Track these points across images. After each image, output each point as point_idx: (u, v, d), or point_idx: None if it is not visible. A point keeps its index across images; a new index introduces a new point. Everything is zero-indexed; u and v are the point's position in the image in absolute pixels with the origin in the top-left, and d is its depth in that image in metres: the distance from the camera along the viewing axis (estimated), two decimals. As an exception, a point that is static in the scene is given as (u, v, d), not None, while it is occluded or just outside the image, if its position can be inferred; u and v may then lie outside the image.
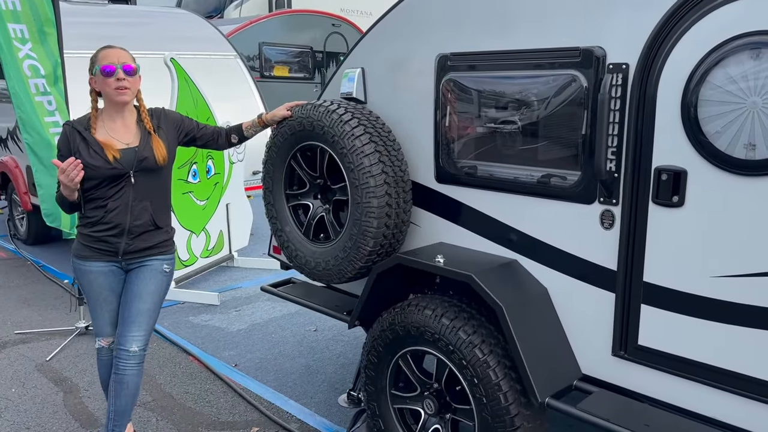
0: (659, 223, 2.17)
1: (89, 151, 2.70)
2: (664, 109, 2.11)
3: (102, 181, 2.73)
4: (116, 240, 2.80)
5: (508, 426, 2.40)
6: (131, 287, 2.87)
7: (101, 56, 2.72)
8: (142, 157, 2.78)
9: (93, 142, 2.72)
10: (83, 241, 2.82)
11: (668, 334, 2.20)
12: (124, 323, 2.85)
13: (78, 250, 2.84)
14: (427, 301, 2.66)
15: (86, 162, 2.66)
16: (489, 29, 2.55)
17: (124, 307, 2.87)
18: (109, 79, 2.68)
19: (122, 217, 2.78)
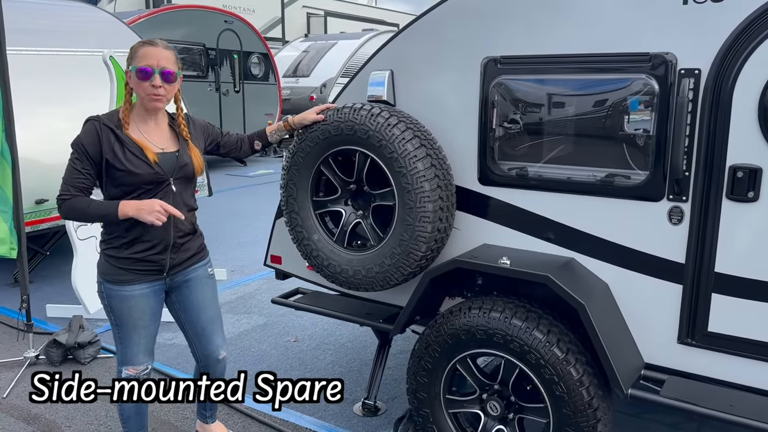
0: (733, 217, 2.34)
1: (125, 152, 2.43)
2: (739, 112, 2.27)
3: (136, 189, 2.47)
4: (161, 257, 2.58)
5: (590, 419, 2.47)
6: (189, 302, 2.75)
7: (141, 54, 2.44)
8: (183, 163, 2.58)
9: (129, 143, 2.46)
10: (119, 264, 2.53)
11: (740, 319, 2.37)
12: (201, 336, 2.81)
13: (113, 274, 2.54)
14: (490, 304, 2.67)
15: (123, 166, 2.42)
16: (550, 34, 2.60)
17: (191, 322, 2.79)
18: (145, 83, 2.43)
19: (165, 231, 2.55)
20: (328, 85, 15.14)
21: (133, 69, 2.43)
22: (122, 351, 2.67)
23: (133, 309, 2.58)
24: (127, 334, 2.62)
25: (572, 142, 2.66)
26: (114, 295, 2.55)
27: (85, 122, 2.46)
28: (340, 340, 4.48)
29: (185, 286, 2.73)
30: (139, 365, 2.68)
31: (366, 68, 3.14)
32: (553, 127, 2.70)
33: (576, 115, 2.62)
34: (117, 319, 2.61)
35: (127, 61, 2.48)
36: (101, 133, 2.42)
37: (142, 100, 2.49)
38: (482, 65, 2.77)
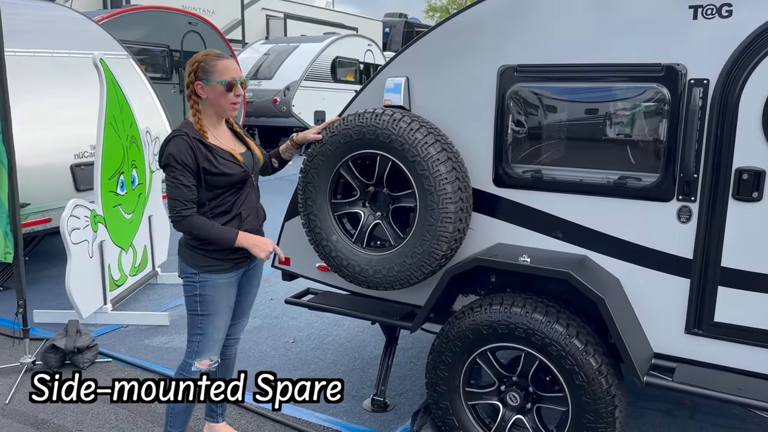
0: (738, 216, 2.55)
1: (216, 158, 2.62)
2: (745, 119, 2.48)
3: (230, 188, 2.68)
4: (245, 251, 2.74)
5: (609, 405, 2.63)
6: (250, 284, 2.95)
7: (222, 68, 2.60)
8: (257, 159, 2.84)
9: (217, 150, 2.64)
10: (219, 256, 2.70)
11: (745, 309, 2.58)
12: (239, 315, 2.99)
13: (212, 266, 2.69)
14: (510, 300, 2.81)
15: (219, 170, 2.61)
16: (566, 44, 2.76)
17: (242, 302, 2.95)
18: (230, 94, 2.64)
19: (254, 221, 2.79)
20: (291, 88, 15.15)
21: (219, 82, 2.58)
22: (201, 342, 2.78)
23: (225, 296, 2.76)
24: (212, 323, 2.76)
25: (586, 146, 2.83)
26: (209, 284, 2.70)
27: (172, 138, 2.58)
28: (338, 339, 4.56)
29: (252, 271, 2.93)
30: (214, 356, 2.82)
31: (380, 75, 3.24)
32: (567, 132, 2.86)
33: (590, 121, 2.79)
34: (208, 308, 2.73)
35: (193, 75, 2.60)
36: (193, 145, 2.57)
37: (222, 109, 2.67)
38: (499, 73, 2.92)
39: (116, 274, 5.06)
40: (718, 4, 2.47)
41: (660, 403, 3.63)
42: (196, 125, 2.63)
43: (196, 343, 2.78)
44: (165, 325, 4.84)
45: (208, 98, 2.63)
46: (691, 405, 3.63)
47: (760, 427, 3.42)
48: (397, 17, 26.08)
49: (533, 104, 2.90)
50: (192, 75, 2.61)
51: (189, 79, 2.62)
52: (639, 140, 2.71)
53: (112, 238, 4.97)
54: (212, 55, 2.63)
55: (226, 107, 2.66)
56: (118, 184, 5.09)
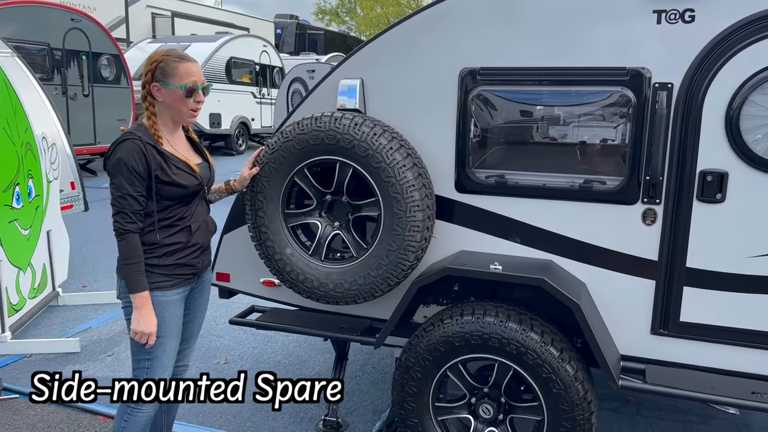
0: (702, 217, 2.60)
1: (170, 167, 2.39)
2: (709, 123, 2.53)
3: (181, 200, 2.46)
4: (197, 260, 2.57)
5: (586, 411, 2.61)
6: (197, 304, 2.71)
7: (183, 71, 2.38)
8: (213, 171, 2.65)
9: (172, 158, 2.42)
10: (165, 271, 2.45)
11: (709, 308, 2.64)
12: (188, 338, 2.74)
13: (154, 281, 2.43)
14: (482, 309, 2.72)
15: (172, 179, 2.38)
16: (530, 47, 2.71)
17: (190, 322, 2.70)
18: (189, 100, 2.42)
19: (204, 234, 2.58)
20: (183, 89, 14.44)
21: (177, 86, 2.36)
22: (151, 368, 2.50)
23: (172, 315, 2.50)
24: (161, 345, 2.48)
25: (550, 150, 2.80)
26: (156, 303, 2.43)
27: (123, 141, 2.33)
28: (274, 357, 4.30)
29: (198, 288, 2.69)
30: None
31: (331, 77, 3.06)
32: (531, 136, 2.82)
33: (554, 125, 2.76)
34: (163, 330, 2.46)
35: (150, 76, 2.38)
36: (146, 150, 2.33)
37: (179, 116, 2.45)
38: (460, 76, 2.82)
39: (14, 297, 4.51)
40: (681, 9, 2.51)
41: (608, 402, 3.69)
42: (150, 129, 2.39)
43: (144, 370, 2.51)
44: (75, 352, 4.37)
45: (165, 102, 2.40)
46: (636, 401, 3.73)
47: (700, 417, 3.56)
48: (288, 18, 25.68)
49: (496, 108, 2.84)
50: (149, 75, 2.38)
51: (145, 78, 2.38)
52: (604, 144, 2.72)
53: (9, 257, 4.43)
54: (173, 55, 2.40)
55: (185, 114, 2.44)
56: (13, 196, 4.54)
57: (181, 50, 10.52)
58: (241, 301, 5.09)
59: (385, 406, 3.65)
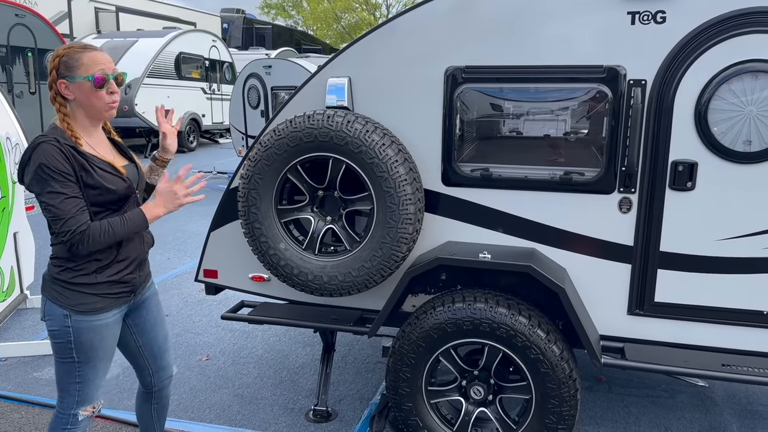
0: (674, 204, 2.80)
1: (95, 170, 2.19)
2: (679, 116, 2.73)
3: (108, 207, 2.26)
4: (133, 276, 2.38)
5: (571, 389, 2.78)
6: (147, 323, 2.55)
7: (89, 61, 2.17)
8: (142, 173, 2.48)
9: (95, 159, 2.22)
10: (94, 291, 2.27)
11: (681, 289, 2.85)
12: (158, 356, 2.62)
13: (87, 304, 2.26)
14: (472, 296, 2.86)
15: (99, 183, 2.20)
16: (514, 46, 2.85)
17: (149, 343, 2.58)
18: (101, 92, 2.19)
19: (138, 247, 2.39)
20: (132, 86, 14.17)
21: (84, 78, 2.16)
22: (82, 390, 2.36)
23: (106, 338, 2.34)
24: (93, 369, 2.34)
25: (532, 144, 2.95)
26: (85, 328, 2.27)
27: (37, 145, 2.12)
28: (256, 352, 4.35)
29: (143, 306, 2.53)
30: (96, 402, 2.42)
31: (318, 76, 3.13)
32: (514, 131, 2.97)
33: (536, 120, 2.92)
34: (83, 355, 2.30)
35: (55, 73, 2.18)
36: (65, 151, 2.13)
37: (95, 111, 2.23)
38: (446, 74, 2.95)
39: (-15, 301, 4.42)
40: (654, 10, 2.69)
41: (581, 381, 3.89)
42: (66, 131, 2.18)
43: (75, 393, 2.35)
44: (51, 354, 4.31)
45: (77, 99, 2.19)
46: (607, 379, 3.95)
47: (668, 392, 3.80)
48: (234, 13, 25.34)
49: (481, 104, 2.97)
50: (53, 73, 2.18)
51: (51, 78, 2.19)
52: (582, 137, 2.89)
53: (-21, 260, 4.33)
54: (76, 47, 2.20)
55: (101, 108, 2.22)
56: (-20, 198, 4.44)
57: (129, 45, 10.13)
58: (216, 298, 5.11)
59: (371, 394, 3.76)
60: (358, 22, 36.75)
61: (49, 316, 2.27)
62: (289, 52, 19.08)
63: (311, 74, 3.16)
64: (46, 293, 2.28)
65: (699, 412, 3.58)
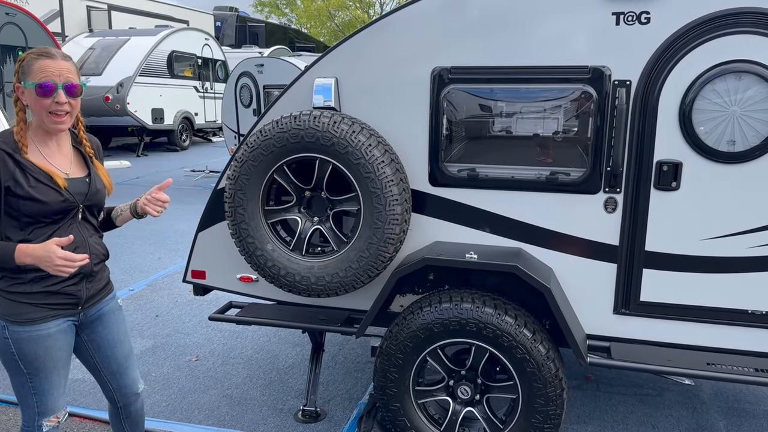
0: (659, 204, 2.82)
1: (28, 179, 2.13)
2: (664, 116, 2.74)
3: (41, 219, 2.20)
4: (77, 288, 2.30)
5: (557, 388, 2.79)
6: (103, 340, 2.45)
7: (37, 67, 2.12)
8: (95, 190, 2.33)
9: (33, 168, 2.15)
10: (30, 300, 2.20)
11: (667, 288, 2.87)
12: (117, 374, 2.52)
13: (22, 314, 2.19)
14: (459, 296, 2.86)
15: (28, 194, 2.13)
16: (499, 47, 2.86)
17: (107, 361, 2.48)
18: (46, 100, 2.11)
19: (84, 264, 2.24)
20: (125, 84, 14.15)
21: (31, 85, 2.10)
22: (40, 401, 2.30)
23: (51, 349, 2.25)
24: (46, 379, 2.28)
25: (518, 144, 2.96)
26: (25, 339, 2.20)
27: None
28: (245, 352, 4.35)
29: (99, 322, 2.43)
30: (59, 411, 2.36)
31: (304, 77, 3.13)
32: (500, 132, 2.98)
33: (522, 120, 2.92)
34: (30, 366, 2.23)
35: (16, 76, 2.15)
36: (0, 160, 2.10)
37: (40, 121, 2.17)
38: (433, 74, 2.95)
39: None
40: (638, 11, 2.70)
41: (569, 380, 3.91)
42: (16, 135, 2.15)
43: (34, 405, 2.30)
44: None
45: (29, 105, 2.15)
46: (595, 378, 3.96)
47: (655, 390, 3.82)
48: (227, 11, 25.28)
49: (467, 105, 2.98)
50: (16, 75, 2.16)
51: (16, 78, 2.17)
52: (568, 137, 2.90)
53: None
54: (34, 52, 2.16)
55: (45, 119, 2.14)
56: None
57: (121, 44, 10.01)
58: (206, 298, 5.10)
59: (360, 394, 3.77)
60: (352, 20, 36.71)
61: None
62: (282, 51, 19.05)
63: (298, 74, 3.16)
64: None
65: (686, 410, 3.60)
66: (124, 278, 5.96)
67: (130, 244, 7.19)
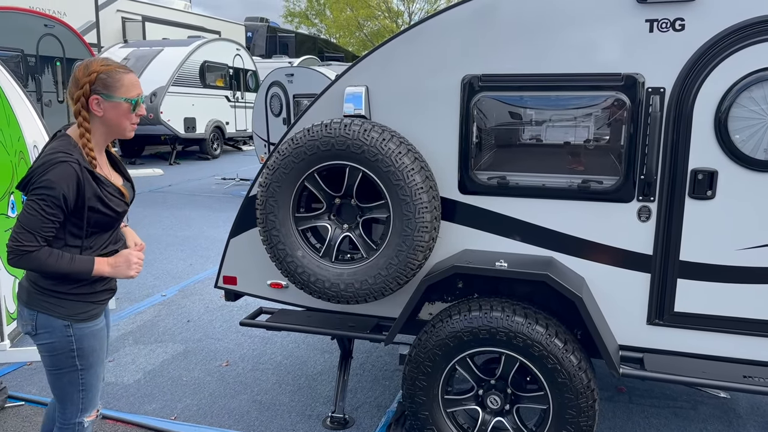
0: (694, 213, 2.77)
1: (107, 196, 2.22)
2: (699, 124, 2.70)
3: (108, 228, 2.31)
4: (114, 283, 2.45)
5: (590, 399, 2.75)
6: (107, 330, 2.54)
7: (129, 83, 2.23)
8: (134, 191, 2.49)
9: (107, 183, 2.24)
10: (93, 299, 2.31)
11: (702, 298, 2.81)
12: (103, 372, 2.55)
13: (87, 311, 2.28)
14: (489, 304, 2.85)
15: (110, 209, 2.24)
16: (531, 55, 2.85)
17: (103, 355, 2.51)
18: (132, 114, 2.26)
19: None
20: (158, 94, 14.40)
21: (121, 99, 2.20)
22: (86, 397, 2.37)
23: (103, 341, 2.40)
24: (95, 374, 2.37)
25: (549, 152, 2.94)
26: (88, 334, 2.29)
27: (58, 163, 2.09)
28: (275, 358, 4.38)
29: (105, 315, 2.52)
30: (98, 406, 2.46)
31: (335, 86, 3.16)
32: (530, 139, 2.96)
33: (553, 128, 2.91)
34: (85, 362, 2.31)
35: (97, 89, 2.18)
36: (82, 177, 2.14)
37: (120, 131, 2.27)
38: (462, 83, 2.95)
39: (11, 306, 4.51)
40: (672, 18, 2.67)
41: (601, 391, 3.86)
42: (84, 149, 2.18)
43: (79, 401, 2.36)
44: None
45: (105, 116, 2.21)
46: (628, 389, 3.90)
47: (689, 403, 3.74)
48: (258, 21, 25.62)
49: (497, 112, 2.97)
50: (87, 87, 2.16)
51: (82, 90, 2.17)
52: (600, 145, 2.87)
53: (5, 265, 4.43)
54: (114, 66, 2.22)
55: (128, 128, 2.28)
56: (8, 205, 4.54)
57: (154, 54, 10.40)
58: (237, 304, 5.15)
59: (388, 402, 3.77)
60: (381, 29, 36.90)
61: (45, 329, 2.23)
62: (311, 60, 19.24)
63: (329, 83, 3.19)
64: (35, 307, 2.22)
65: (721, 424, 3.52)
66: (156, 284, 6.05)
67: (162, 250, 7.30)
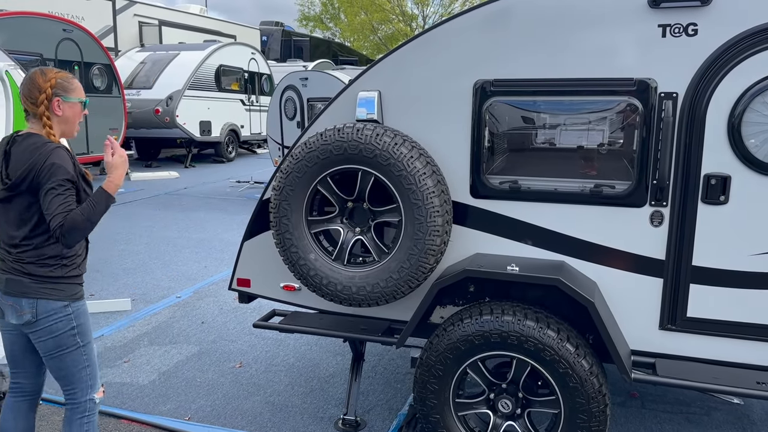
0: (707, 218, 2.76)
1: (84, 174, 2.53)
2: (712, 129, 2.70)
3: None
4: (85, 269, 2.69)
5: (601, 403, 2.75)
6: None
7: (78, 86, 2.55)
8: None
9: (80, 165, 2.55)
10: (78, 281, 2.57)
11: (715, 304, 2.80)
12: None
13: (78, 293, 2.55)
14: (500, 308, 2.85)
15: (90, 185, 2.53)
16: (543, 59, 2.86)
17: None
18: (81, 114, 2.59)
19: None
20: (174, 97, 14.53)
21: (76, 100, 2.52)
22: (92, 373, 2.58)
23: (90, 319, 2.62)
24: (93, 350, 2.60)
25: (561, 156, 2.95)
26: (82, 312, 2.55)
27: (55, 149, 2.40)
28: (287, 360, 4.41)
29: None
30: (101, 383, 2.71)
31: (348, 90, 3.19)
32: (543, 144, 2.97)
33: (565, 133, 2.91)
34: (85, 338, 2.54)
35: (57, 92, 2.46)
36: (73, 159, 2.47)
37: (71, 129, 2.57)
38: (475, 87, 2.97)
39: (29, 306, 4.58)
40: (685, 23, 2.67)
41: (613, 396, 3.85)
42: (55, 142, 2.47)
43: (87, 378, 2.56)
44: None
45: (64, 115, 2.50)
46: (640, 395, 3.88)
47: (702, 409, 3.72)
48: (273, 26, 25.78)
49: (509, 117, 2.98)
50: (49, 90, 2.45)
51: (45, 94, 2.44)
52: (613, 150, 2.87)
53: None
54: (64, 73, 2.55)
55: (76, 127, 2.59)
56: (26, 207, 4.61)
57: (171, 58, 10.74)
58: (251, 306, 5.19)
59: (400, 405, 3.78)
60: (395, 33, 36.96)
61: (46, 313, 2.44)
62: (325, 64, 19.31)
63: (342, 88, 3.21)
64: (33, 295, 2.43)
65: (735, 430, 3.49)
66: (171, 285, 6.11)
67: (177, 253, 7.37)
